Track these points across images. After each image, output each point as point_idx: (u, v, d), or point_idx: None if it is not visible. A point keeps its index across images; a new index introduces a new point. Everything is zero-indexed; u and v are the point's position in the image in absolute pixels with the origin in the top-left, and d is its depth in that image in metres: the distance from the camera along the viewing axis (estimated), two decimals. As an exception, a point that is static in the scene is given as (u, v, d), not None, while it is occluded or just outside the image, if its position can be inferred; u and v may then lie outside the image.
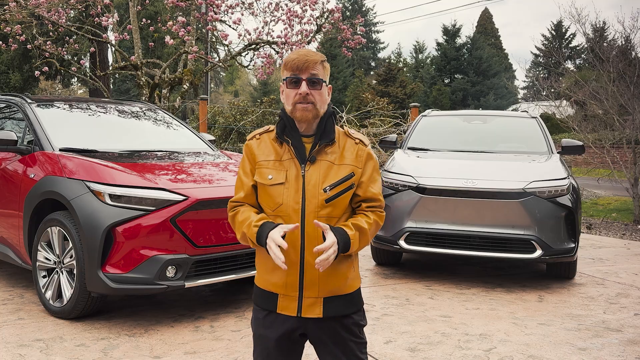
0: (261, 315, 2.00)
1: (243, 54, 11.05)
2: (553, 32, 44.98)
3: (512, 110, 28.32)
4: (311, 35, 10.71)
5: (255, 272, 4.64)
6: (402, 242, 5.40)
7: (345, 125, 2.06)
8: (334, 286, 1.95)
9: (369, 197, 2.00)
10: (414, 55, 48.55)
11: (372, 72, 47.94)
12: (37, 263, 4.28)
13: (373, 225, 2.01)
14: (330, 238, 1.86)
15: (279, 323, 1.96)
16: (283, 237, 1.85)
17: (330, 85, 2.04)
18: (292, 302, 1.93)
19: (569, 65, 39.77)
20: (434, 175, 5.42)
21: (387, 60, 45.30)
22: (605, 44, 15.04)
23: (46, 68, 11.47)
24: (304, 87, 1.91)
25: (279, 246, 1.83)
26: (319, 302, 1.94)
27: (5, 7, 9.82)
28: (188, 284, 3.99)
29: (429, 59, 44.59)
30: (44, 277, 4.28)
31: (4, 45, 11.10)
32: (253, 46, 10.65)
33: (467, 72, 37.75)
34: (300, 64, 1.91)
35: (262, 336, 2.00)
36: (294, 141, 1.96)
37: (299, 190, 1.92)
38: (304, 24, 10.61)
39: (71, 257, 4.03)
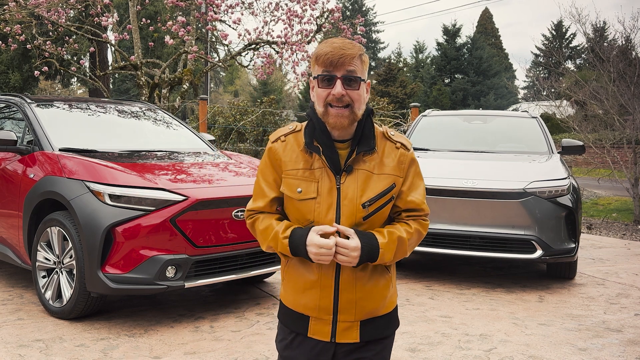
0: (289, 337, 1.80)
1: (243, 54, 11.05)
2: (553, 32, 44.97)
3: (513, 110, 28.33)
4: (311, 35, 10.71)
5: (256, 272, 4.64)
6: (402, 242, 5.38)
7: (384, 127, 1.83)
8: (372, 308, 1.74)
9: (410, 207, 1.77)
10: (414, 55, 48.56)
11: (372, 72, 47.92)
12: (37, 263, 4.27)
13: (414, 235, 1.76)
14: (354, 242, 1.63)
15: (310, 347, 1.76)
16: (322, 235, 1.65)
17: (369, 81, 1.73)
18: (326, 325, 1.72)
19: (569, 65, 39.77)
20: (434, 175, 5.41)
21: (387, 60, 45.30)
22: (605, 43, 15.02)
23: (46, 68, 11.46)
24: (338, 87, 1.63)
25: (323, 245, 1.61)
26: (355, 326, 1.72)
27: (5, 7, 9.82)
28: (188, 284, 3.99)
29: (429, 58, 44.59)
30: (44, 277, 4.27)
31: (3, 45, 11.09)
32: (253, 46, 10.64)
33: (467, 72, 37.73)
34: (334, 59, 1.62)
35: (289, 357, 1.81)
36: (325, 149, 1.67)
37: (332, 205, 1.67)
38: (304, 23, 10.60)
39: (71, 257, 4.03)
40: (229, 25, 10.83)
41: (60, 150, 4.49)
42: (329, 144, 1.68)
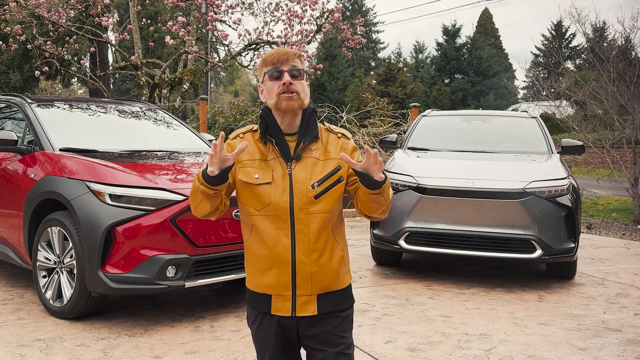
0: (257, 318, 2.02)
1: (243, 54, 11.06)
2: (553, 32, 44.97)
3: (512, 110, 28.32)
4: (311, 35, 10.72)
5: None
6: (402, 242, 5.39)
7: (327, 124, 2.00)
8: (326, 282, 1.96)
9: None
10: (414, 55, 48.55)
11: (372, 72, 47.91)
12: (37, 263, 4.28)
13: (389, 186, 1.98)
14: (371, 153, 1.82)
15: (275, 324, 1.98)
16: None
17: (308, 82, 2.04)
18: (286, 302, 1.94)
19: (569, 65, 39.78)
20: (434, 175, 5.42)
21: (387, 60, 45.26)
22: (605, 44, 15.04)
23: (46, 68, 11.47)
24: (286, 77, 1.92)
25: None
26: (312, 300, 1.94)
27: (5, 7, 9.82)
28: (188, 284, 3.99)
29: (429, 59, 44.57)
30: (44, 277, 4.28)
31: (4, 45, 11.10)
32: (253, 46, 10.66)
33: (467, 72, 37.73)
34: (280, 57, 1.94)
35: (261, 337, 2.02)
36: (277, 140, 1.96)
37: (286, 188, 1.92)
38: (304, 24, 10.62)
39: (71, 257, 4.03)
40: (229, 26, 10.85)
41: (60, 150, 4.50)
42: (280, 137, 1.96)
